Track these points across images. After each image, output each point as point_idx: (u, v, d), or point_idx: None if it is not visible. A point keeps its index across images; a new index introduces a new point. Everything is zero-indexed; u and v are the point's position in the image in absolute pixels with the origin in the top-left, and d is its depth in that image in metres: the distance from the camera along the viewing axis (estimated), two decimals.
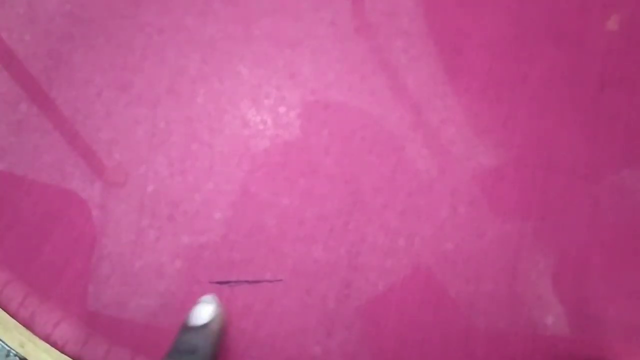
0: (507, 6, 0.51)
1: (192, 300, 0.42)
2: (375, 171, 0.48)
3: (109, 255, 0.47)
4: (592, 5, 0.51)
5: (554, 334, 0.44)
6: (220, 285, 0.46)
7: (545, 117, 0.48)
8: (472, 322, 0.44)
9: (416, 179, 0.47)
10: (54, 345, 0.45)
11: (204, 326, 0.40)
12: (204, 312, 0.41)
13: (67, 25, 0.52)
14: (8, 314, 0.46)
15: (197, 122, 0.50)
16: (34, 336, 0.45)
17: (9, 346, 0.44)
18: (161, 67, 0.51)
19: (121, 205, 0.48)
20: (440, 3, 0.52)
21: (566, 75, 0.49)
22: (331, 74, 0.50)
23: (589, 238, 0.46)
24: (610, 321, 0.44)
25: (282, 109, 0.50)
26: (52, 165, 0.49)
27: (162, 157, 0.49)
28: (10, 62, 0.52)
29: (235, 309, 0.45)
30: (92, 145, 0.49)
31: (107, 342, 0.45)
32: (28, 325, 0.45)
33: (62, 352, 0.45)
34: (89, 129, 0.50)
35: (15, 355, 0.44)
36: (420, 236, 0.46)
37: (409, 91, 0.50)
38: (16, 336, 0.45)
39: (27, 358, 0.44)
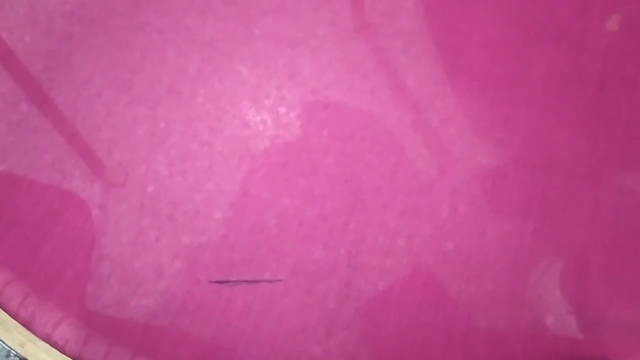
0: (507, 6, 0.51)
1: (192, 300, 0.42)
2: (375, 171, 0.48)
3: (108, 255, 0.47)
4: (592, 5, 0.51)
5: (554, 334, 0.44)
6: (220, 285, 0.46)
7: (545, 117, 0.48)
8: (472, 322, 0.44)
9: (416, 179, 0.47)
10: (54, 345, 0.45)
11: None
12: None
13: (67, 25, 0.52)
14: (8, 314, 0.45)
15: (197, 122, 0.50)
16: (34, 336, 0.45)
17: (9, 346, 0.44)
18: (161, 67, 0.51)
19: (121, 205, 0.48)
20: (440, 3, 0.52)
21: (566, 75, 0.49)
22: (331, 74, 0.50)
23: (589, 238, 0.46)
24: (610, 321, 0.44)
25: (282, 109, 0.50)
26: (52, 165, 0.49)
27: (162, 157, 0.49)
28: (10, 62, 0.52)
29: (235, 309, 0.45)
30: (92, 145, 0.49)
31: (107, 342, 0.45)
32: (28, 325, 0.45)
33: (62, 352, 0.45)
34: (89, 129, 0.50)
35: (15, 355, 0.44)
36: (420, 236, 0.46)
37: (409, 91, 0.50)
38: (16, 336, 0.45)
39: (27, 358, 0.44)
